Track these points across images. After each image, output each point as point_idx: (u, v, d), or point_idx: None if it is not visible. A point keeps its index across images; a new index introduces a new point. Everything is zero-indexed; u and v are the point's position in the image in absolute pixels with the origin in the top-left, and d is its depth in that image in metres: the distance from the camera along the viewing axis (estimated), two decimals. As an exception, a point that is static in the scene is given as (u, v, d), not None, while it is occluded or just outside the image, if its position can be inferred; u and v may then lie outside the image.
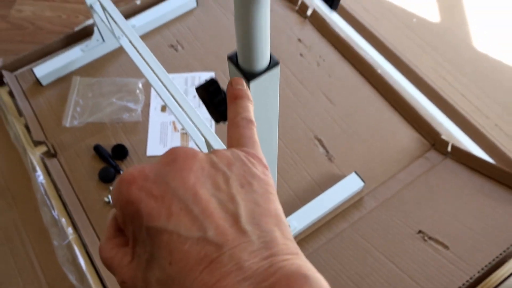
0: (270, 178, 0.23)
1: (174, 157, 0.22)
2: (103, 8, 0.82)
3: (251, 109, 0.28)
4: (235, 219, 0.20)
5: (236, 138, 0.27)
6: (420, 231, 0.76)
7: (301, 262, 0.19)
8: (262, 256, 0.19)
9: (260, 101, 0.36)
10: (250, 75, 0.34)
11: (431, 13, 1.05)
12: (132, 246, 0.22)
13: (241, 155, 0.23)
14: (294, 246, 0.21)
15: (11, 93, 0.96)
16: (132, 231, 0.21)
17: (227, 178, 0.22)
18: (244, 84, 0.29)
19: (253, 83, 0.34)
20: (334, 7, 0.24)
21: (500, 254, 0.71)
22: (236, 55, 0.34)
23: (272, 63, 0.34)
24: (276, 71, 0.35)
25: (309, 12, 1.04)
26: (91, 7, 0.89)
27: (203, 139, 0.71)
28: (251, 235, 0.20)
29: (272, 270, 0.19)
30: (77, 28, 1.03)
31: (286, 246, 0.20)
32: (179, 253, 0.19)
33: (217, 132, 0.77)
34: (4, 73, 0.96)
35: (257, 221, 0.21)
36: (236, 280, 0.18)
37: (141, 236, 0.21)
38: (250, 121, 0.27)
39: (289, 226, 0.22)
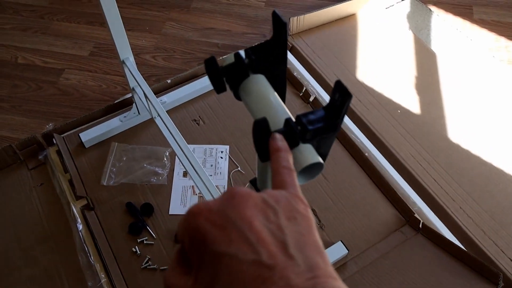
0: (311, 215, 0.28)
1: (232, 194, 0.27)
2: (144, 94, 1.02)
3: (291, 159, 0.33)
4: (284, 246, 0.24)
5: (280, 183, 0.31)
6: (390, 295, 0.93)
7: (340, 284, 0.24)
8: (307, 277, 0.23)
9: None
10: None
11: (413, 106, 1.25)
12: (196, 270, 0.26)
13: (286, 195, 0.28)
14: (333, 271, 0.25)
15: (59, 153, 1.14)
16: (198, 256, 0.25)
17: (276, 212, 0.26)
18: (284, 139, 0.35)
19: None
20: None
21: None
22: (256, 180, 0.53)
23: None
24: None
25: (311, 99, 1.24)
26: (133, 89, 1.09)
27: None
28: (297, 259, 0.24)
29: None
30: (117, 101, 1.23)
31: (326, 270, 0.24)
32: (238, 273, 0.23)
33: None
34: (55, 135, 1.15)
35: (302, 249, 0.25)
36: None
37: (205, 260, 0.25)
38: (290, 169, 0.32)
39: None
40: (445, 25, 1.47)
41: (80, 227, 1.03)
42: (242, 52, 0.43)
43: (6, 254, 1.00)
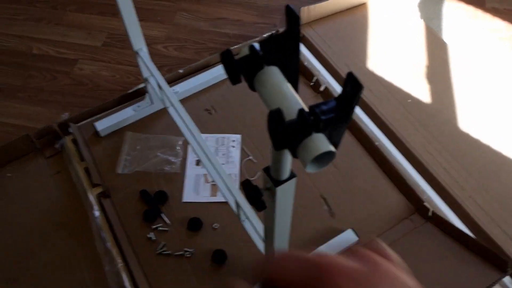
0: None
1: (375, 263, 0.25)
2: (158, 84, 1.04)
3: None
4: None
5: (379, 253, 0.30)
6: (399, 281, 0.95)
7: None
8: None
9: (283, 198, 0.56)
10: (276, 183, 0.54)
11: (424, 95, 1.25)
12: None
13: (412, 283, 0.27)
14: None
15: (75, 141, 1.17)
16: None
17: None
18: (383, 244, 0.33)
19: (279, 188, 0.54)
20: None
21: (461, 305, 0.89)
22: (269, 168, 0.54)
23: (291, 175, 0.54)
24: (293, 180, 0.55)
25: (322, 88, 1.25)
26: (146, 79, 1.11)
27: (227, 188, 0.91)
28: None
29: None
30: (130, 91, 1.25)
31: None
32: None
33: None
34: (70, 124, 1.18)
35: None
36: None
37: None
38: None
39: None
40: (456, 14, 1.47)
41: (97, 214, 1.06)
42: (256, 45, 0.44)
43: (24, 241, 1.04)
